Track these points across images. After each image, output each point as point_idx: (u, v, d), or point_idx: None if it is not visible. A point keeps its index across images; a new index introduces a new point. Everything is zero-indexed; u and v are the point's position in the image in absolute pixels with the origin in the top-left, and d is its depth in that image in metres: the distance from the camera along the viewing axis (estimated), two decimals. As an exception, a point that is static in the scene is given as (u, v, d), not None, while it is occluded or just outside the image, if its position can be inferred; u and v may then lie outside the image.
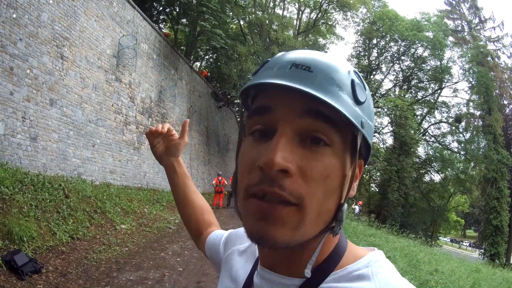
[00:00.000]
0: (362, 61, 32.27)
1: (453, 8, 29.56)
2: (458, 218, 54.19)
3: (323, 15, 30.22)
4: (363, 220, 19.31)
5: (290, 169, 0.47)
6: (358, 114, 0.51)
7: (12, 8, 7.36)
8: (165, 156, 1.08)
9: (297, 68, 0.51)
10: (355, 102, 0.52)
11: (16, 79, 7.55)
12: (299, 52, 0.55)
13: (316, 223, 0.51)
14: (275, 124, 0.51)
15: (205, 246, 0.97)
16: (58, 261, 5.55)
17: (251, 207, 0.50)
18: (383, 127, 31.31)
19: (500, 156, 24.57)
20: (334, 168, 0.51)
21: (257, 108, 0.54)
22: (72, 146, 9.43)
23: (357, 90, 0.52)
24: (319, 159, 0.50)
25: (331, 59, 0.54)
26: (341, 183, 0.52)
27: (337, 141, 0.51)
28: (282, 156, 0.47)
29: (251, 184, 0.50)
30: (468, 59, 27.45)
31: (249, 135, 0.55)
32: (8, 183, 6.14)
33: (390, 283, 0.51)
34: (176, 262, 6.63)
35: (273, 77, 0.51)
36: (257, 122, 0.54)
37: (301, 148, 0.50)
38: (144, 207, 10.41)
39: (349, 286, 0.52)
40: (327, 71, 0.51)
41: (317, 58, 0.53)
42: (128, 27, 12.41)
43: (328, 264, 0.56)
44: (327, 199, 0.51)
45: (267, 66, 0.56)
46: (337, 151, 0.51)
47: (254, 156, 0.51)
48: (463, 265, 11.39)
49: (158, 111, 14.95)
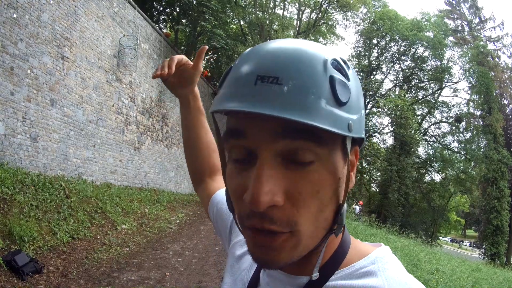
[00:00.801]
0: (363, 61, 32.30)
1: (453, 8, 29.58)
2: (458, 218, 54.20)
3: (323, 15, 30.25)
4: (363, 220, 19.30)
5: (278, 202, 0.45)
6: (342, 119, 0.45)
7: (13, 8, 7.36)
8: (178, 88, 0.98)
9: (263, 82, 0.44)
10: (337, 104, 0.45)
11: (17, 79, 7.55)
12: (268, 51, 0.48)
13: (314, 237, 0.50)
14: (253, 150, 0.47)
15: (209, 206, 0.92)
16: (59, 261, 5.55)
17: (248, 236, 0.50)
18: (384, 127, 31.36)
19: (501, 155, 24.58)
20: (325, 181, 0.48)
21: (230, 131, 0.50)
22: (73, 146, 9.44)
23: (337, 90, 0.45)
24: (305, 178, 0.46)
25: (303, 54, 0.46)
26: (335, 188, 0.50)
27: (323, 152, 0.47)
28: (268, 191, 0.44)
29: (243, 216, 0.49)
30: (468, 59, 27.49)
31: (230, 160, 0.52)
32: (8, 183, 6.14)
33: (397, 279, 0.51)
34: (177, 262, 6.62)
35: (237, 100, 0.45)
36: (234, 147, 0.50)
37: (286, 169, 0.46)
38: (144, 207, 10.41)
39: (356, 283, 0.52)
40: (299, 76, 0.44)
41: (286, 59, 0.45)
42: (129, 27, 12.41)
43: (333, 262, 0.55)
44: (322, 212, 0.49)
45: (231, 77, 0.50)
46: (325, 162, 0.47)
47: (239, 186, 0.49)
48: (463, 265, 11.39)
49: (158, 111, 14.96)
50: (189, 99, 0.99)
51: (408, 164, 26.11)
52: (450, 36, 28.97)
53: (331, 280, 0.54)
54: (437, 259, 10.86)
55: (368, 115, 29.25)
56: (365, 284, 0.51)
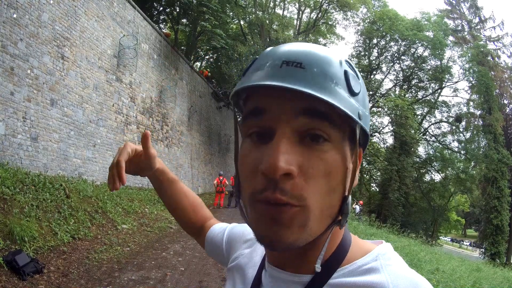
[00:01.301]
0: (363, 60, 32.27)
1: (453, 8, 29.56)
2: (458, 218, 54.19)
3: (323, 15, 30.24)
4: (363, 220, 19.30)
5: (293, 171, 0.47)
6: (354, 107, 0.50)
7: (13, 8, 7.36)
8: (141, 174, 0.95)
9: (288, 66, 0.49)
10: (350, 94, 0.50)
11: (17, 79, 7.55)
12: (289, 46, 0.53)
13: (321, 220, 0.51)
14: (272, 126, 0.50)
15: (205, 246, 0.97)
16: (60, 261, 5.55)
17: (258, 212, 0.50)
18: (384, 126, 31.35)
19: (501, 155, 24.56)
20: (336, 163, 0.50)
21: (252, 111, 0.52)
22: (73, 146, 9.43)
23: (351, 81, 0.51)
24: (319, 156, 0.49)
25: (322, 50, 0.52)
26: (344, 177, 0.52)
27: (336, 135, 0.50)
28: (285, 160, 0.46)
29: (256, 191, 0.50)
30: (468, 58, 27.46)
31: (246, 137, 0.54)
32: (9, 183, 6.13)
33: (400, 274, 0.52)
34: (177, 261, 6.62)
35: (264, 78, 0.49)
36: (253, 125, 0.52)
37: (301, 146, 0.49)
38: (145, 207, 10.41)
39: (358, 280, 0.52)
40: (320, 65, 0.49)
41: (307, 51, 0.51)
42: (129, 27, 12.41)
43: (335, 259, 0.56)
44: (330, 195, 0.50)
45: (256, 65, 0.54)
46: (337, 145, 0.51)
47: (256, 160, 0.50)
48: (464, 264, 11.38)
49: (158, 111, 14.96)
50: (156, 176, 0.98)
51: (408, 164, 26.10)
52: (450, 35, 28.93)
53: (333, 278, 0.54)
54: (437, 258, 10.85)
55: (368, 115, 29.17)
56: (368, 280, 0.52)
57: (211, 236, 0.94)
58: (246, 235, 0.81)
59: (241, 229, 0.85)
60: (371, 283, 0.51)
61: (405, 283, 0.51)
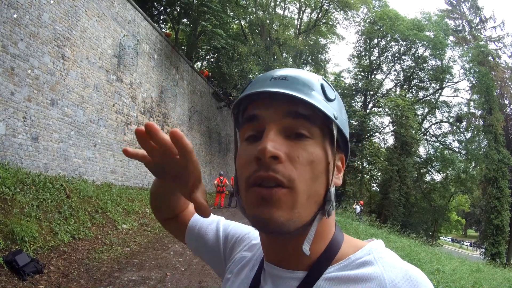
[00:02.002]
0: (363, 60, 32.22)
1: (454, 8, 29.53)
2: (459, 218, 54.16)
3: (324, 15, 30.24)
4: (364, 220, 19.28)
5: (280, 155, 0.55)
6: (329, 108, 0.59)
7: (13, 8, 7.36)
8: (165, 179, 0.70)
9: (276, 79, 0.60)
10: (326, 99, 0.60)
11: (17, 79, 7.55)
12: (276, 71, 0.64)
13: (308, 204, 0.57)
14: (263, 126, 0.59)
15: (186, 236, 0.88)
16: (60, 261, 5.55)
17: (252, 196, 0.57)
18: (384, 126, 31.27)
19: (501, 155, 24.53)
20: (317, 155, 0.58)
21: (247, 118, 0.62)
22: (73, 146, 9.44)
23: (326, 90, 0.61)
24: (303, 148, 0.58)
25: (303, 72, 0.64)
26: (325, 169, 0.59)
27: (316, 133, 0.59)
28: (273, 145, 0.55)
29: (250, 175, 0.57)
30: (469, 58, 27.42)
31: (243, 141, 0.63)
32: (9, 183, 6.13)
33: (393, 265, 0.56)
34: (178, 262, 6.62)
35: (257, 89, 0.60)
36: (248, 129, 0.62)
37: (287, 140, 0.58)
38: (145, 207, 10.41)
39: (353, 273, 0.56)
40: (300, 78, 0.60)
41: (292, 71, 0.62)
42: (129, 27, 12.41)
43: (328, 254, 0.61)
44: (315, 182, 0.57)
45: (251, 84, 0.64)
46: (318, 141, 0.59)
47: (250, 154, 0.59)
48: (464, 265, 11.37)
49: (159, 111, 14.96)
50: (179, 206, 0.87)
51: (409, 164, 26.07)
52: (450, 35, 28.87)
53: (328, 272, 0.58)
54: (437, 259, 10.84)
55: (368, 115, 29.20)
56: (363, 272, 0.56)
57: (197, 227, 0.87)
58: (251, 239, 0.81)
59: (244, 231, 0.84)
60: (366, 274, 0.55)
61: (398, 273, 0.54)
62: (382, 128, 31.28)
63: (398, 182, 25.34)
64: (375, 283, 0.53)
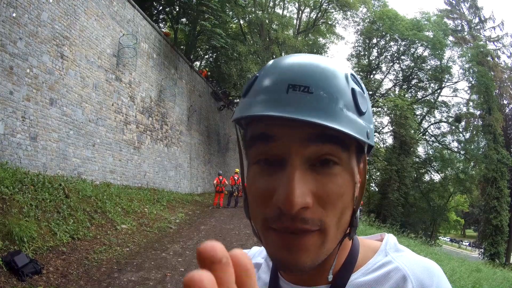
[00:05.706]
0: (362, 60, 32.25)
1: (453, 8, 29.54)
2: (458, 218, 54.19)
3: (323, 14, 30.23)
4: (363, 220, 19.28)
5: (309, 204, 0.47)
6: (363, 127, 0.50)
7: (12, 7, 7.32)
8: None
9: (295, 91, 0.48)
10: (358, 114, 0.50)
11: (16, 79, 7.51)
12: (294, 63, 0.52)
13: (336, 237, 0.53)
14: (282, 155, 0.50)
15: None
16: (59, 261, 5.52)
17: (273, 239, 0.51)
18: (383, 126, 31.33)
19: (500, 155, 24.56)
20: (347, 184, 0.52)
21: (259, 136, 0.51)
22: (72, 146, 9.40)
23: (358, 100, 0.50)
24: (332, 181, 0.50)
25: (328, 65, 0.51)
26: (353, 193, 0.54)
27: (345, 157, 0.51)
28: (301, 194, 0.47)
29: (269, 218, 0.50)
30: (468, 58, 27.43)
31: (253, 163, 0.54)
32: (8, 183, 6.10)
33: (412, 260, 0.57)
34: (177, 262, 6.60)
35: (269, 106, 0.48)
36: (261, 152, 0.52)
37: (313, 173, 0.49)
38: (144, 207, 10.38)
39: (376, 275, 0.56)
40: (327, 87, 0.48)
41: (314, 70, 0.50)
42: (128, 26, 12.37)
43: (348, 264, 0.59)
44: (344, 214, 0.52)
45: (259, 84, 0.52)
46: (346, 166, 0.52)
47: (267, 188, 0.50)
48: (463, 265, 11.37)
49: (158, 111, 14.92)
50: None
51: (408, 164, 26.10)
52: (450, 36, 28.90)
53: (352, 280, 0.57)
54: (437, 259, 10.84)
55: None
56: (384, 272, 0.56)
57: None
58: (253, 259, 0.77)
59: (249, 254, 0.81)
60: (389, 272, 0.56)
61: (417, 265, 0.56)
62: (381, 128, 31.32)
63: (397, 182, 25.36)
64: (398, 275, 0.55)
